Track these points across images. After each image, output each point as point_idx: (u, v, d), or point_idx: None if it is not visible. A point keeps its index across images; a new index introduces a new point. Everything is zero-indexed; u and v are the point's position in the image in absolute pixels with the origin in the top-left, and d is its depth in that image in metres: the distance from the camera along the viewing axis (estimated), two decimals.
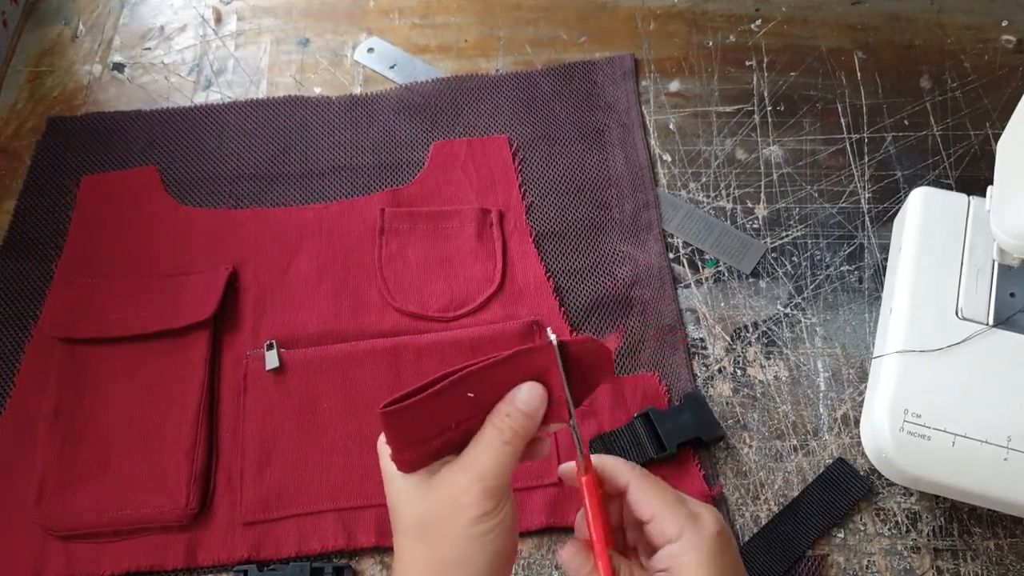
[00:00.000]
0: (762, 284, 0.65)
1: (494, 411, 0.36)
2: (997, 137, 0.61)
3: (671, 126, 0.72)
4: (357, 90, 0.76)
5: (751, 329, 0.63)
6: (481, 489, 0.35)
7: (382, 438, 0.37)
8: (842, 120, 0.72)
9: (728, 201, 0.69)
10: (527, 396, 0.36)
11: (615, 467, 0.38)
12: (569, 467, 0.39)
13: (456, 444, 0.37)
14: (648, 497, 0.37)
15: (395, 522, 0.38)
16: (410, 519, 0.37)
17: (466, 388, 0.36)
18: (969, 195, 0.60)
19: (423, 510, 0.36)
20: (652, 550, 0.37)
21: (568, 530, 0.55)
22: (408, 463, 0.36)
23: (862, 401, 0.59)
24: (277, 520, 0.56)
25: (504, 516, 0.36)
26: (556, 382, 0.36)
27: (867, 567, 0.54)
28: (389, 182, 0.70)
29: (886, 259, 0.65)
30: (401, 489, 0.37)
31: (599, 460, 0.39)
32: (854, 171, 0.69)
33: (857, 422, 0.59)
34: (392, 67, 0.77)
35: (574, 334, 0.57)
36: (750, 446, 0.58)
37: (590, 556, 0.37)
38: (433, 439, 0.36)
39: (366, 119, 0.73)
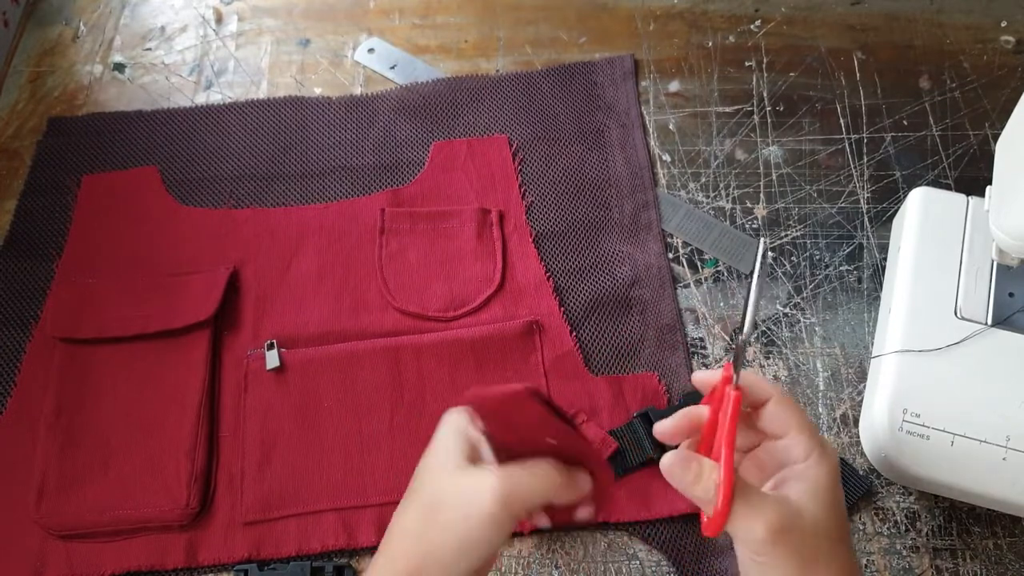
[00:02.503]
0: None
1: (560, 466, 0.38)
2: (996, 137, 0.62)
3: (671, 126, 0.73)
4: (357, 90, 0.76)
5: None
6: (503, 499, 0.36)
7: (454, 412, 0.40)
8: (841, 120, 0.72)
9: (727, 201, 0.69)
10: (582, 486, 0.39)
11: (758, 383, 0.38)
12: (706, 375, 0.39)
13: (508, 453, 0.39)
14: (788, 415, 0.37)
15: (413, 485, 0.40)
16: (426, 489, 0.39)
17: (560, 434, 0.38)
18: (968, 195, 0.60)
19: (442, 487, 0.38)
20: (763, 468, 0.38)
21: (568, 529, 0.56)
22: (477, 410, 0.40)
23: (861, 401, 0.59)
24: (277, 520, 0.56)
25: (498, 541, 0.37)
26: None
27: (866, 566, 0.54)
28: (389, 182, 0.70)
29: (885, 259, 0.65)
30: (436, 462, 0.39)
31: (743, 376, 0.38)
32: (853, 171, 0.70)
33: (856, 421, 0.59)
34: (392, 67, 0.77)
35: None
36: None
37: (701, 466, 0.37)
38: (508, 434, 0.39)
39: (366, 119, 0.74)
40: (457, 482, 0.38)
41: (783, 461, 0.37)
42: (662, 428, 0.40)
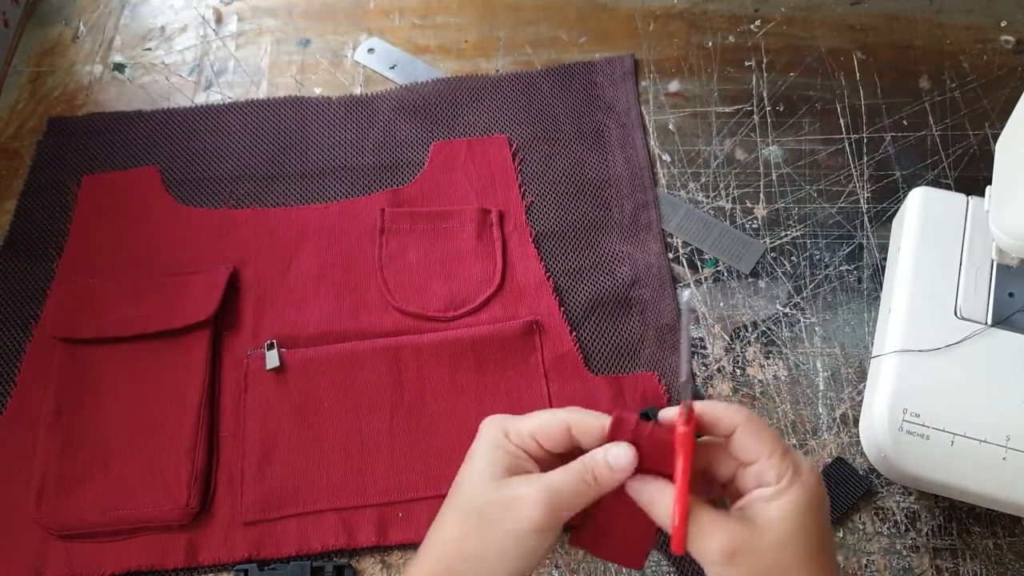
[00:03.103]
0: (761, 284, 0.65)
1: (592, 451, 0.38)
2: (996, 137, 0.62)
3: (671, 126, 0.73)
4: (357, 90, 0.76)
5: (750, 329, 0.63)
6: (546, 504, 0.36)
7: (492, 418, 0.40)
8: (841, 120, 0.72)
9: (727, 201, 0.69)
10: (617, 453, 0.37)
11: (725, 414, 0.38)
12: (668, 413, 0.39)
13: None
14: (756, 442, 0.37)
15: (453, 496, 0.39)
16: (469, 501, 0.38)
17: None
18: (968, 195, 0.60)
19: (486, 499, 0.37)
20: (738, 495, 0.38)
21: (567, 529, 0.55)
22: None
23: (861, 400, 0.59)
24: (277, 519, 0.56)
25: (546, 545, 0.37)
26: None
27: (866, 566, 0.54)
28: (389, 182, 0.70)
29: (885, 259, 0.65)
30: (475, 471, 0.39)
31: (704, 408, 0.38)
32: (853, 171, 0.70)
33: (856, 421, 0.59)
34: (392, 67, 0.77)
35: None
36: None
37: (662, 489, 0.37)
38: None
39: (366, 119, 0.74)
40: (501, 492, 0.37)
41: (758, 486, 0.37)
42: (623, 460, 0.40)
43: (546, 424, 0.39)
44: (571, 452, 0.39)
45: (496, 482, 0.38)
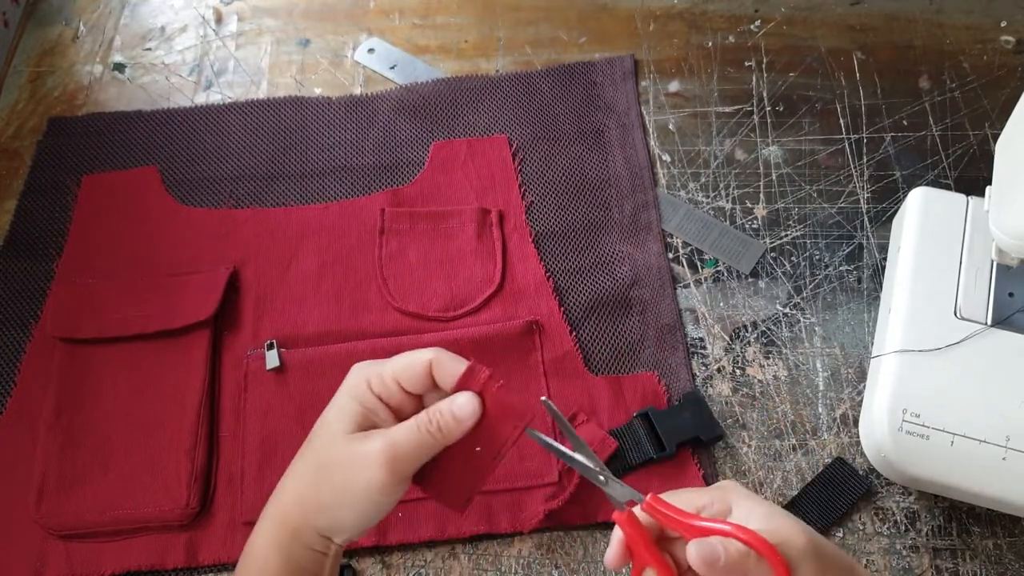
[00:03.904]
0: (761, 284, 0.65)
1: (442, 403, 0.39)
2: (996, 137, 0.62)
3: (670, 126, 0.73)
4: (357, 90, 0.76)
5: (750, 329, 0.63)
6: (388, 464, 0.38)
7: (359, 365, 0.42)
8: (841, 120, 0.72)
9: (727, 201, 0.69)
10: (463, 402, 0.39)
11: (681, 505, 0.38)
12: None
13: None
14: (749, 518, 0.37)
15: (308, 445, 0.41)
16: (319, 454, 0.40)
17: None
18: (968, 195, 0.60)
19: (333, 454, 0.39)
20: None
21: (568, 529, 0.56)
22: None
23: (861, 400, 0.59)
24: None
25: (393, 499, 0.39)
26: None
27: (866, 566, 0.54)
28: (389, 182, 0.70)
29: (885, 259, 0.65)
30: (328, 423, 0.41)
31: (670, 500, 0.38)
32: (853, 171, 0.70)
33: (856, 421, 0.59)
34: (392, 67, 0.77)
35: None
36: (749, 445, 0.58)
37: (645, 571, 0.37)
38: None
39: (366, 119, 0.74)
40: (347, 448, 0.39)
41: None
42: (608, 559, 0.39)
43: (409, 365, 0.40)
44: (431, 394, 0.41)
45: (344, 437, 0.39)
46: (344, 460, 0.39)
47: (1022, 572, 0.54)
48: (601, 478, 0.41)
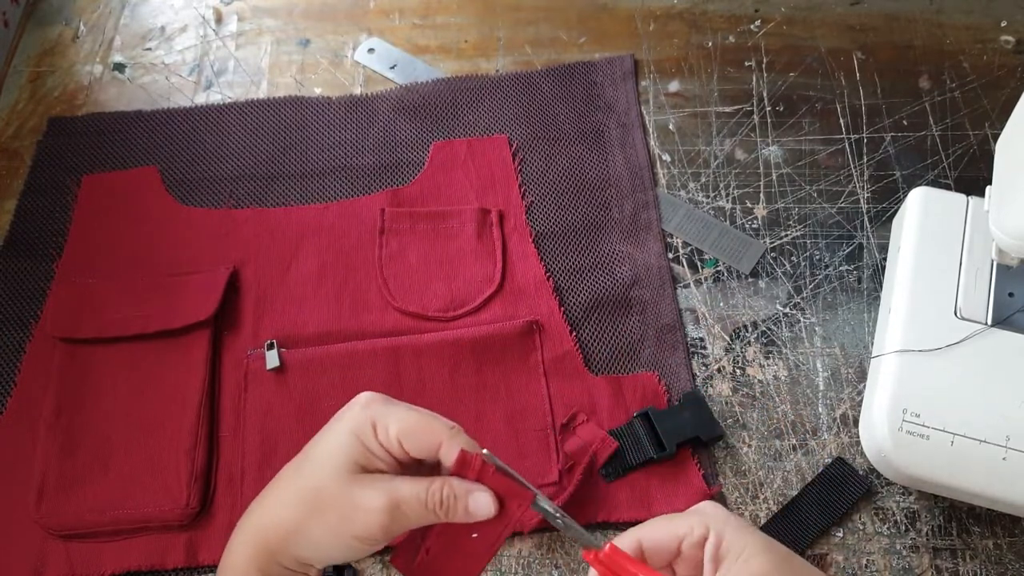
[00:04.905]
0: (761, 284, 0.65)
1: (453, 482, 0.37)
2: (996, 137, 0.62)
3: (670, 126, 0.73)
4: (357, 90, 0.76)
5: (750, 329, 0.63)
6: (386, 524, 0.36)
7: (368, 399, 0.39)
8: (841, 120, 0.72)
9: (727, 201, 0.69)
10: (485, 503, 0.37)
11: (659, 542, 0.38)
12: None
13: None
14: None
15: (300, 470, 0.39)
16: (313, 487, 0.38)
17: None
18: (968, 195, 0.60)
19: (329, 493, 0.37)
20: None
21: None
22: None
23: (861, 400, 0.59)
24: None
25: (375, 549, 0.38)
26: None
27: (866, 566, 0.54)
28: (389, 182, 0.70)
29: (885, 259, 0.65)
30: (328, 455, 0.38)
31: (639, 535, 0.38)
32: (853, 171, 0.70)
33: (856, 421, 0.59)
34: (392, 67, 0.77)
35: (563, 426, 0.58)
36: (749, 445, 0.58)
37: None
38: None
39: (366, 119, 0.74)
40: (346, 492, 0.37)
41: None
42: None
43: (417, 432, 0.38)
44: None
45: (344, 476, 0.37)
46: (341, 502, 0.37)
47: (1022, 572, 0.54)
48: (560, 522, 0.39)
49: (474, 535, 0.38)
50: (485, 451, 0.38)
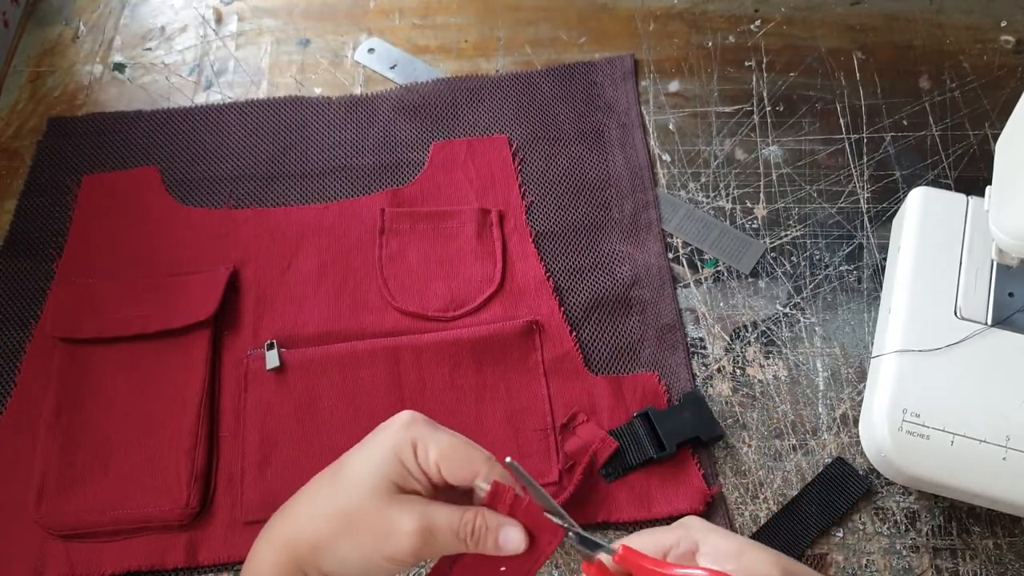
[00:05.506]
0: (761, 284, 0.65)
1: (487, 514, 0.37)
2: (996, 137, 0.62)
3: (670, 126, 0.73)
4: (357, 90, 0.76)
5: (750, 329, 0.63)
6: (418, 547, 0.36)
7: (411, 417, 0.39)
8: (841, 120, 0.72)
9: (727, 201, 0.69)
10: (514, 539, 0.37)
11: (664, 542, 0.38)
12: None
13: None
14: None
15: (335, 483, 0.39)
16: (348, 503, 0.38)
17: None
18: (968, 195, 0.60)
19: (364, 510, 0.37)
20: None
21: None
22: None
23: (861, 400, 0.59)
24: None
25: (401, 570, 0.38)
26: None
27: (866, 566, 0.54)
28: (389, 182, 0.70)
29: (885, 259, 0.65)
30: (366, 473, 0.38)
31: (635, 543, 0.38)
32: (853, 171, 0.70)
33: (856, 421, 0.59)
34: (392, 67, 0.77)
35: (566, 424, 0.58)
36: (749, 445, 0.58)
37: None
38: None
39: (366, 119, 0.74)
40: (381, 513, 0.37)
41: None
42: None
43: (456, 459, 0.38)
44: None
45: (380, 497, 0.37)
46: (374, 521, 0.37)
47: (1022, 572, 0.54)
48: (571, 533, 0.39)
49: (502, 568, 0.38)
50: (511, 460, 0.38)
